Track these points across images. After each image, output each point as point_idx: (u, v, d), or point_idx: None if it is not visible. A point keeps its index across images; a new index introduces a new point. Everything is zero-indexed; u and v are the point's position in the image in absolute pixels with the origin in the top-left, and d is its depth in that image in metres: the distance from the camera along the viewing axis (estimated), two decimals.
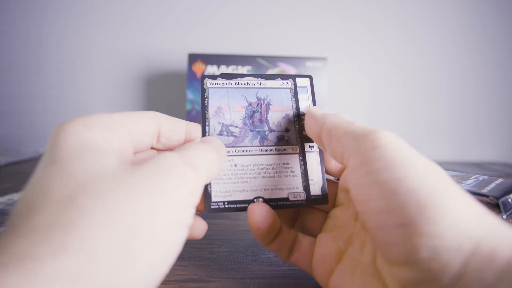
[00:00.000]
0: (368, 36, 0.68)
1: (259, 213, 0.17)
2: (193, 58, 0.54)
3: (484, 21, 0.69)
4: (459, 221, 0.12)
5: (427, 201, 0.12)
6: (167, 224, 0.12)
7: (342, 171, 0.21)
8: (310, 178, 0.20)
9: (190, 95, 0.54)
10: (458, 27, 0.69)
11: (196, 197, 0.14)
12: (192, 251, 0.24)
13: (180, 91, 0.67)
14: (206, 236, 0.26)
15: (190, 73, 0.54)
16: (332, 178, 0.22)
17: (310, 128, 0.19)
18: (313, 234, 0.20)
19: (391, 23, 0.68)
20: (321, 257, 0.18)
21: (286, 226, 0.19)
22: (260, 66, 0.55)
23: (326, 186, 0.20)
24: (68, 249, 0.10)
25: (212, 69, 0.54)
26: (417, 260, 0.12)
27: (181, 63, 0.67)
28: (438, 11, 0.68)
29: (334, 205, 0.21)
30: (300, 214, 0.22)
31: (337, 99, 0.68)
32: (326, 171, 0.21)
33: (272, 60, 0.55)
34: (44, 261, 0.10)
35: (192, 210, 0.14)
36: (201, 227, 0.18)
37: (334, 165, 0.21)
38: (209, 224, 0.29)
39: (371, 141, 0.14)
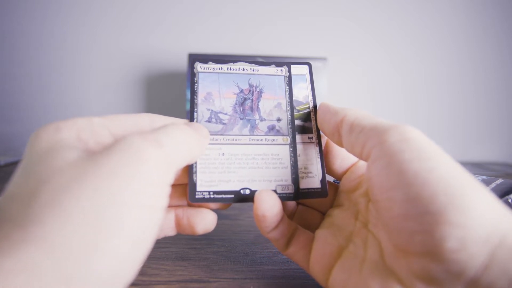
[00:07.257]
0: (368, 36, 0.68)
1: (268, 201, 0.17)
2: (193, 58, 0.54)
3: (484, 21, 0.69)
4: (487, 213, 0.12)
5: (457, 191, 0.12)
6: (128, 208, 0.12)
7: (344, 172, 0.20)
8: (309, 170, 0.19)
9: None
10: (458, 27, 0.69)
11: (166, 175, 0.14)
12: (192, 251, 0.24)
13: (180, 91, 0.67)
14: (206, 236, 0.26)
15: None
16: (331, 179, 0.21)
17: (326, 120, 0.19)
18: (311, 230, 0.20)
19: (391, 23, 0.68)
20: (321, 251, 0.18)
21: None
22: None
23: (325, 178, 0.19)
24: (26, 243, 0.10)
25: None
26: (442, 250, 0.12)
27: (181, 63, 0.67)
28: (438, 11, 0.68)
29: (331, 206, 0.21)
30: (297, 209, 0.21)
31: (337, 99, 0.68)
32: (327, 172, 0.20)
33: (272, 60, 0.55)
34: (1, 254, 0.10)
35: (162, 189, 0.14)
36: (208, 219, 0.18)
37: (338, 165, 0.20)
38: None
39: (400, 134, 0.14)
